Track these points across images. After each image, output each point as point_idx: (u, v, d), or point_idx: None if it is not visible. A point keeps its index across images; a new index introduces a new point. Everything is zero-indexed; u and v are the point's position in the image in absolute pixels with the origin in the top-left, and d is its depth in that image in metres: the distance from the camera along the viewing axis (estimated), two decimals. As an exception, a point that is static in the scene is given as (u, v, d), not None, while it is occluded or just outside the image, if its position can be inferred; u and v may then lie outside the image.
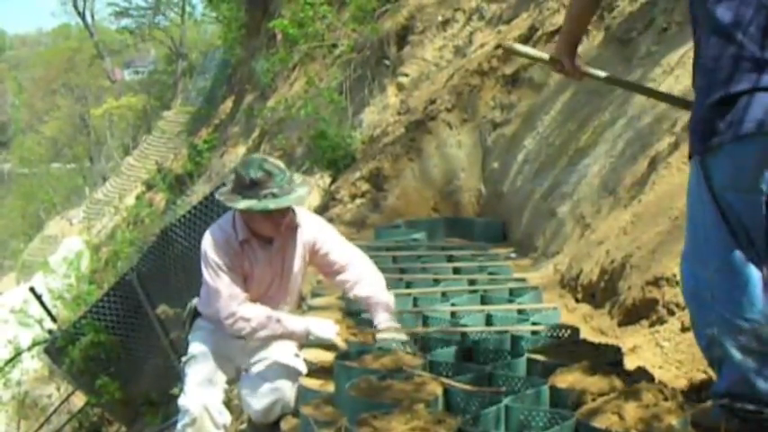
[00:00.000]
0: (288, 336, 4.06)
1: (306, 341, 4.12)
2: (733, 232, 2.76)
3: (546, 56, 3.59)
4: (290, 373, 4.14)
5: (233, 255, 4.02)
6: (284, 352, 4.24)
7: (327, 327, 4.07)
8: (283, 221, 4.07)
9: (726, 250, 2.77)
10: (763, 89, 2.67)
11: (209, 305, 4.17)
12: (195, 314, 4.41)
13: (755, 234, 2.77)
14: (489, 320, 4.47)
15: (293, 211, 4.16)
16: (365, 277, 4.31)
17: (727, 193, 2.76)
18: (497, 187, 8.05)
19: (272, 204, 3.89)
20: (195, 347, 4.28)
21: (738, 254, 2.77)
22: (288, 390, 4.08)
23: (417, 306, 4.76)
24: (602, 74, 3.57)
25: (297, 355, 4.25)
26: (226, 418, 4.22)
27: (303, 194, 4.10)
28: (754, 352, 2.79)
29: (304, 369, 4.17)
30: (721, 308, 2.80)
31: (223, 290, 4.00)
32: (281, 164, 4.06)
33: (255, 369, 4.23)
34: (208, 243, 4.06)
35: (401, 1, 12.47)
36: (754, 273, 2.77)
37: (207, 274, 4.04)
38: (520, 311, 4.58)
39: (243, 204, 3.90)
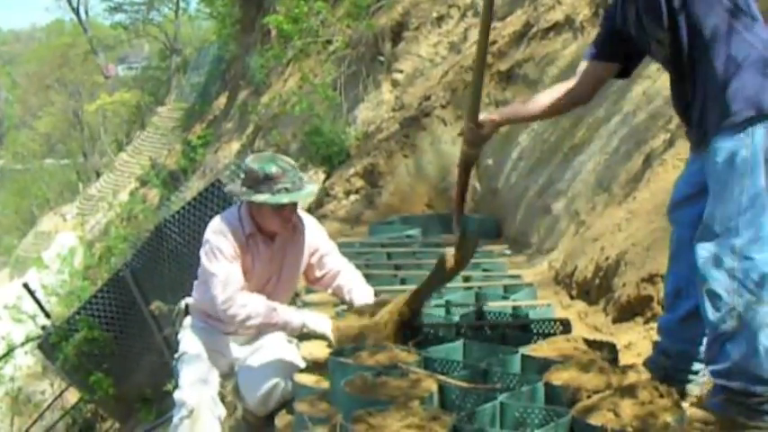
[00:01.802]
0: (282, 326, 4.06)
1: (299, 333, 4.12)
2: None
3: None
4: (286, 360, 4.20)
5: (237, 246, 4.04)
6: (278, 342, 4.30)
7: (322, 321, 4.09)
8: (292, 218, 4.16)
9: (762, 221, 2.86)
10: None
11: (205, 293, 4.15)
12: (186, 313, 4.42)
13: None
14: (482, 317, 4.47)
15: (296, 212, 4.24)
16: (350, 273, 4.48)
17: None
18: (492, 184, 8.05)
19: (285, 198, 3.98)
20: (187, 345, 4.30)
21: None
22: (285, 376, 4.12)
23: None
24: None
25: (290, 341, 4.31)
26: (220, 410, 4.24)
27: (313, 190, 4.27)
28: None
29: (299, 357, 4.21)
30: (747, 279, 2.86)
31: (221, 275, 3.99)
32: (292, 161, 4.15)
33: (251, 361, 4.27)
34: (213, 230, 4.07)
35: (396, -3, 12.47)
36: None
37: (206, 259, 4.06)
38: (513, 308, 4.58)
39: (259, 198, 3.97)
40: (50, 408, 15.88)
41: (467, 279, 5.26)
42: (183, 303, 4.45)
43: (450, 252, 3.79)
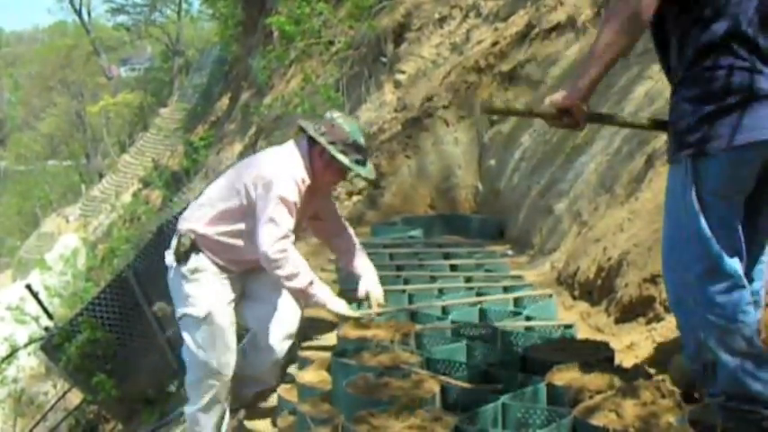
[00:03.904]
0: (308, 297, 4.18)
1: (315, 307, 4.33)
2: (717, 237, 2.78)
3: (551, 110, 3.16)
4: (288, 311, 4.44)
5: (299, 195, 4.10)
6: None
7: (342, 304, 4.25)
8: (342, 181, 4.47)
9: (709, 254, 2.79)
10: (759, 98, 2.69)
11: (255, 232, 4.11)
12: (191, 249, 4.30)
13: (737, 236, 2.82)
14: (483, 315, 4.47)
15: None
16: (347, 231, 4.70)
17: (717, 199, 2.78)
18: (494, 184, 8.04)
19: (363, 171, 4.24)
20: (207, 303, 4.30)
21: (722, 258, 2.79)
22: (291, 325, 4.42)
23: (412, 302, 4.76)
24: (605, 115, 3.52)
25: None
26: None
27: (374, 171, 4.48)
28: (742, 353, 2.82)
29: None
30: (706, 312, 2.82)
31: (284, 225, 4.02)
32: None
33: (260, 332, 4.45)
34: (290, 175, 4.08)
35: (398, -2, 12.47)
36: (737, 275, 2.81)
37: (271, 202, 4.02)
38: (516, 300, 4.61)
39: (344, 160, 4.13)
40: (53, 409, 15.87)
41: (468, 280, 5.26)
42: (189, 237, 4.30)
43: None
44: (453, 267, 5.69)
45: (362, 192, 8.80)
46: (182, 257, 4.30)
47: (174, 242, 4.37)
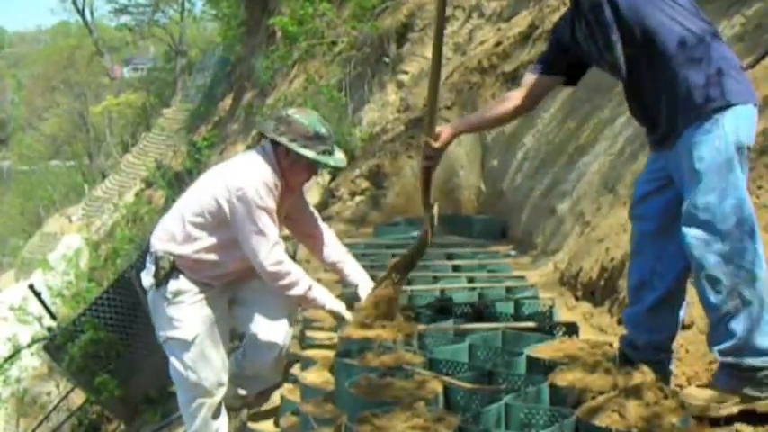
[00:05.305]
0: (309, 301, 4.19)
1: (316, 309, 4.34)
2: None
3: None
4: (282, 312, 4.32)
5: (275, 200, 4.06)
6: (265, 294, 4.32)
7: (340, 305, 4.25)
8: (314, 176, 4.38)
9: (744, 205, 3.00)
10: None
11: (244, 247, 4.05)
12: (171, 269, 4.16)
13: None
14: (480, 315, 4.47)
15: None
16: (330, 234, 4.58)
17: (747, 149, 3.06)
18: (497, 185, 8.04)
19: (330, 161, 4.17)
20: (193, 325, 4.21)
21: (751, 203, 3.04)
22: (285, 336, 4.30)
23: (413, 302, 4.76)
24: None
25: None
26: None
27: (344, 158, 4.37)
28: (763, 301, 3.00)
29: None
30: (743, 260, 2.99)
31: (271, 235, 4.02)
32: None
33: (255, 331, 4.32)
34: (262, 182, 4.01)
35: (401, -2, 12.47)
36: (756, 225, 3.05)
37: (252, 215, 3.97)
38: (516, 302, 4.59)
39: (309, 154, 4.05)
40: (56, 409, 15.90)
41: (471, 280, 5.25)
42: (168, 259, 4.14)
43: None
44: (456, 268, 5.68)
45: (365, 192, 8.80)
46: (162, 280, 4.16)
47: (150, 264, 4.21)
